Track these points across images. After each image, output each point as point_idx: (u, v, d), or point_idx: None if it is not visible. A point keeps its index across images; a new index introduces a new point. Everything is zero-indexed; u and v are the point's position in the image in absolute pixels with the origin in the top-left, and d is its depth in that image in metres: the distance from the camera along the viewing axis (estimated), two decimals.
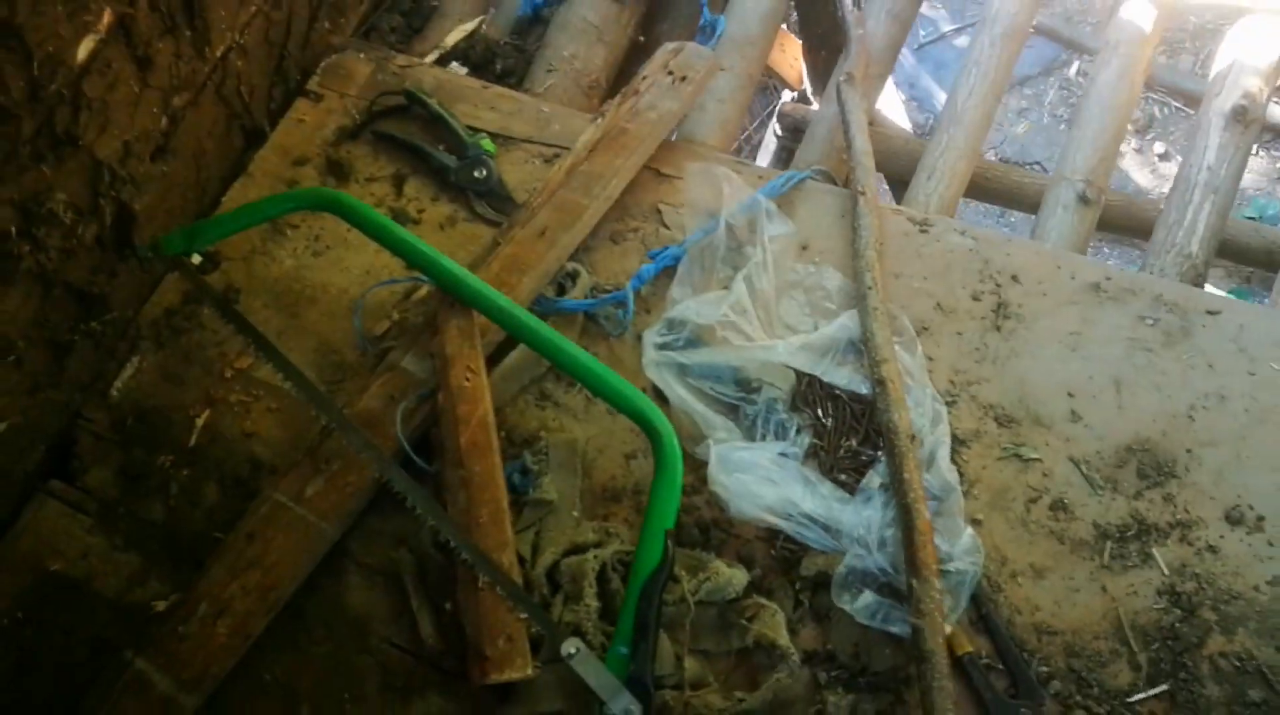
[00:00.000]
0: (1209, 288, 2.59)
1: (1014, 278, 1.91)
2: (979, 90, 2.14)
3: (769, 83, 3.56)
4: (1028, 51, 6.63)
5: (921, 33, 6.61)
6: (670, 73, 2.08)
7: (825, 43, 2.41)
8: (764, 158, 3.53)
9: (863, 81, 2.11)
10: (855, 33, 2.19)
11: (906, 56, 6.49)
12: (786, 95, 3.54)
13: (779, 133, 3.21)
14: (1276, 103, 6.19)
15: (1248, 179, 6.19)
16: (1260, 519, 1.69)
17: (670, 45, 2.13)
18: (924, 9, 6.74)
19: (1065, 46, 5.97)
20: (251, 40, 2.18)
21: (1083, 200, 2.00)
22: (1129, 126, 6.43)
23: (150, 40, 1.97)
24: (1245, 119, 2.03)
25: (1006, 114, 6.47)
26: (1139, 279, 1.89)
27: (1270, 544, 1.68)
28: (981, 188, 2.91)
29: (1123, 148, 6.37)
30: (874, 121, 3.38)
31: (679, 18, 2.54)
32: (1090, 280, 1.89)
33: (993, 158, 6.33)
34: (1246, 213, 5.45)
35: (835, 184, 2.06)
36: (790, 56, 3.44)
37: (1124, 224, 2.55)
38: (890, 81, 3.84)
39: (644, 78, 2.09)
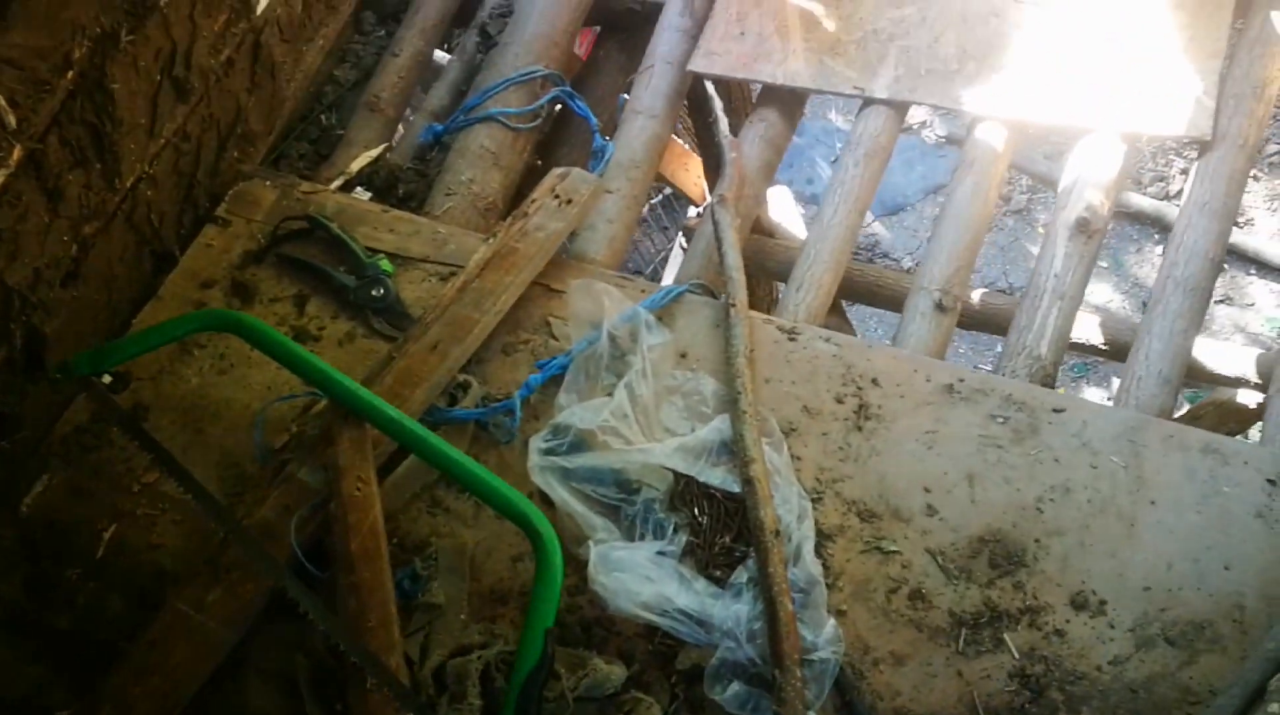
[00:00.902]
0: None
1: (874, 381, 2.05)
2: (843, 209, 2.30)
3: (679, 199, 3.74)
4: (940, 161, 6.94)
5: (838, 145, 6.88)
6: (557, 196, 2.22)
7: (720, 164, 2.57)
8: (674, 267, 3.68)
9: (735, 202, 2.27)
10: (729, 156, 2.36)
11: (823, 167, 6.77)
12: (692, 211, 3.72)
13: (684, 245, 3.37)
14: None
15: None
16: (1102, 603, 1.81)
17: (558, 170, 2.28)
18: (839, 122, 7.04)
19: None
20: (162, 170, 2.30)
21: (939, 308, 2.15)
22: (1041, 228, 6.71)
23: (61, 173, 2.08)
24: (1088, 229, 2.20)
25: (922, 221, 6.74)
26: (989, 380, 2.03)
27: (1111, 626, 1.79)
28: (861, 292, 3.08)
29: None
30: (774, 233, 3.57)
31: (574, 143, 2.70)
32: (944, 382, 2.03)
33: (910, 263, 6.57)
34: None
35: (714, 296, 2.19)
36: (694, 175, 3.63)
37: (997, 324, 2.72)
38: (789, 195, 4.04)
39: (533, 200, 2.23)
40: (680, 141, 3.71)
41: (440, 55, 3.16)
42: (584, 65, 2.96)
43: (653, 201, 6.26)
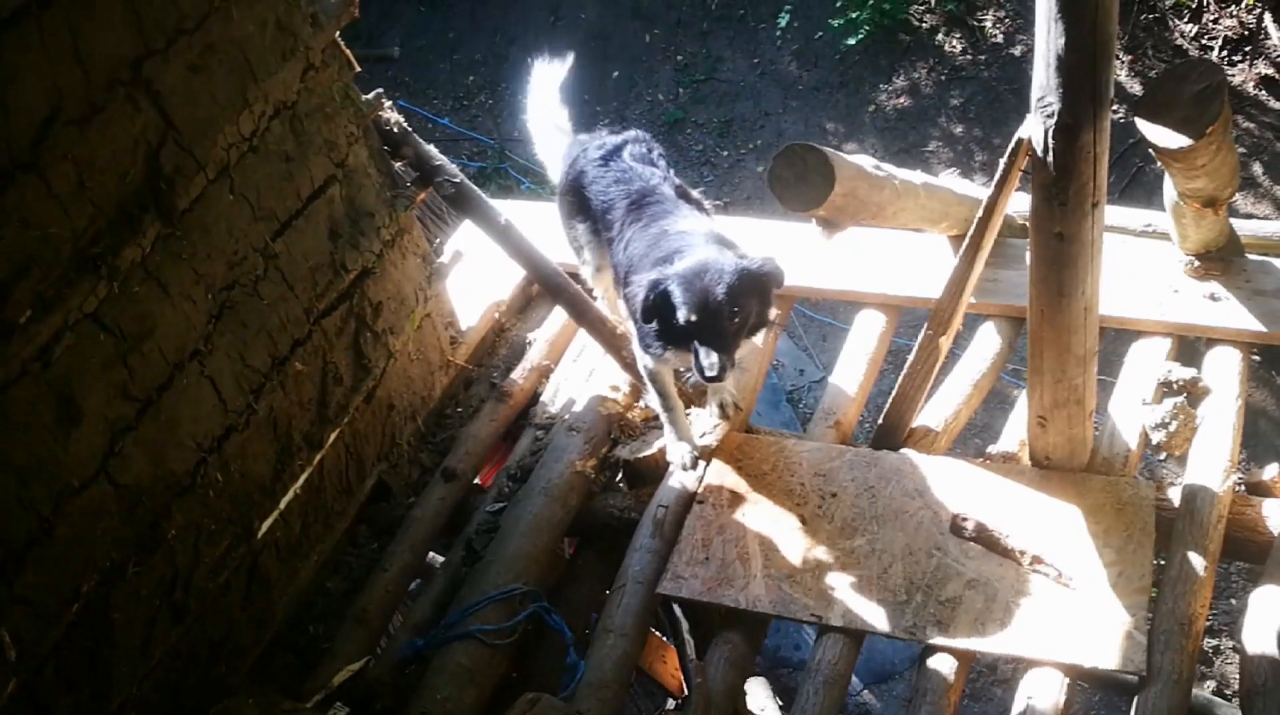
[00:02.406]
0: None
1: None
2: None
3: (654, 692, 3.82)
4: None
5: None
6: None
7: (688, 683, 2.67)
8: None
9: None
10: (695, 682, 2.46)
11: (809, 633, 6.82)
12: (670, 703, 3.77)
13: None
14: None
15: None
16: None
17: (529, 696, 2.38)
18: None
19: None
20: (149, 690, 2.40)
21: None
22: None
23: (52, 701, 2.18)
24: None
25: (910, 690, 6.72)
26: None
27: None
28: None
29: None
30: None
31: (548, 657, 2.80)
32: None
33: None
34: None
35: None
36: (671, 667, 3.73)
37: None
38: (766, 687, 4.11)
39: None
40: (657, 633, 3.83)
41: (432, 556, 3.35)
42: (564, 572, 3.13)
43: None
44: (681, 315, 2.54)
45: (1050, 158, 2.23)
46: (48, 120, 2.05)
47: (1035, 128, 2.24)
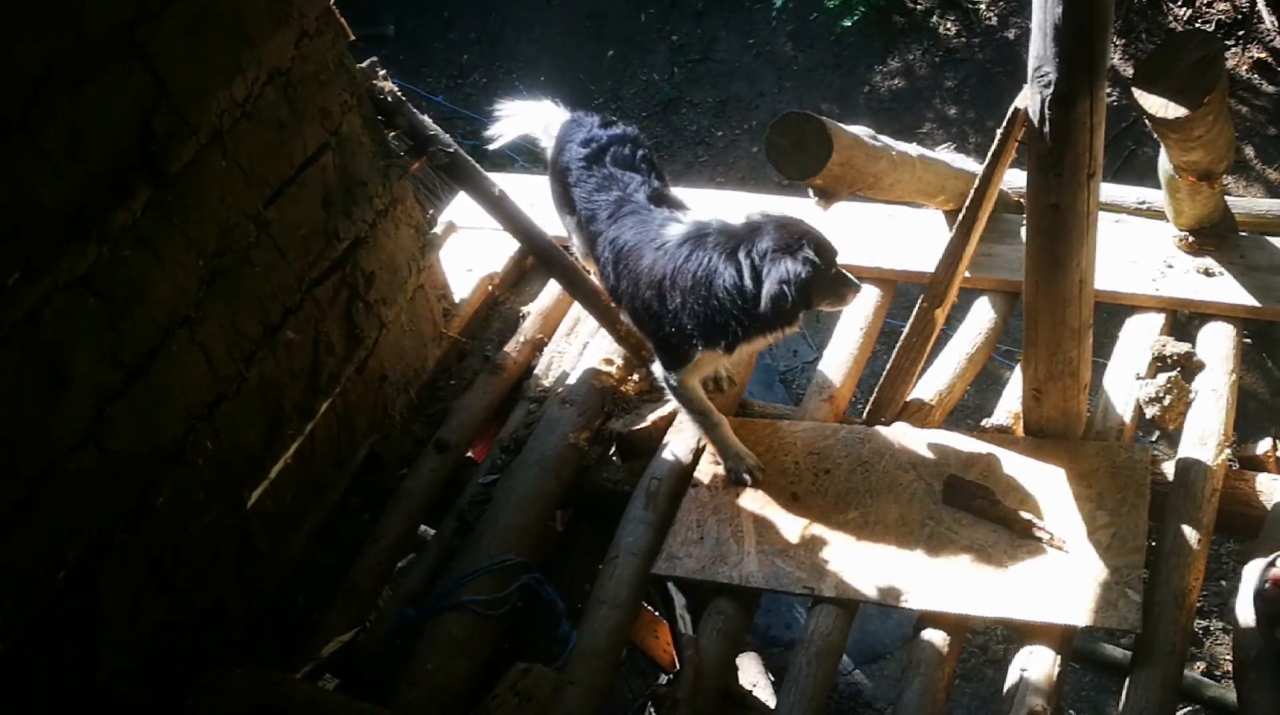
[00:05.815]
0: None
1: None
2: (799, 705, 2.38)
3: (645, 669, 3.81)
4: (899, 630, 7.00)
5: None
6: (518, 693, 2.30)
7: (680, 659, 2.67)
8: None
9: (692, 700, 2.35)
10: (687, 654, 2.46)
11: (800, 612, 6.83)
12: (662, 678, 3.76)
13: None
14: None
15: None
16: None
17: (520, 666, 2.38)
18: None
19: None
20: (137, 664, 2.38)
21: None
22: None
23: (37, 672, 2.17)
24: None
25: (901, 670, 6.72)
26: None
27: None
28: None
29: None
30: (744, 700, 3.60)
31: (541, 628, 2.80)
32: None
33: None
34: None
35: None
36: (664, 642, 3.71)
37: None
38: (758, 661, 4.12)
39: (494, 696, 2.31)
40: (649, 607, 3.82)
41: (423, 528, 3.33)
42: (557, 543, 3.13)
43: None
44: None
45: (1046, 128, 2.22)
46: (40, 82, 2.03)
47: (1032, 98, 2.23)
